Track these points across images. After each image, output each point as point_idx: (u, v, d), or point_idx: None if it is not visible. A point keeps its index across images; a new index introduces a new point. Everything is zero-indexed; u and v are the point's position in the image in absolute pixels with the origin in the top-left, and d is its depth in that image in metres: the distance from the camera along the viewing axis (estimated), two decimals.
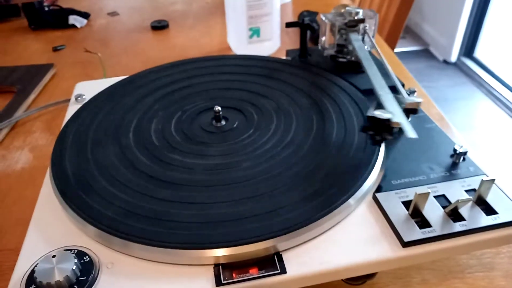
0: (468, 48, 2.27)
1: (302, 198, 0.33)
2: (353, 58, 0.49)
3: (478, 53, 2.25)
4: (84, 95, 0.49)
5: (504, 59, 2.09)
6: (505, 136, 1.80)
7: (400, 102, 0.37)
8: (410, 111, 0.37)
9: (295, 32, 0.81)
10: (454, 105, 1.97)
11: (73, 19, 0.88)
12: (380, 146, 0.36)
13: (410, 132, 0.33)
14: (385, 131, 0.35)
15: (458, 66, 2.29)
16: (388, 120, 0.34)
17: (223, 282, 0.28)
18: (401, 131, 0.34)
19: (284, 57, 0.56)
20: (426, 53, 2.44)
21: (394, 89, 0.40)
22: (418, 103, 0.37)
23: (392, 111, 0.35)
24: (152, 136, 0.41)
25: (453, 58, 2.30)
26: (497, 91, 2.02)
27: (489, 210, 0.32)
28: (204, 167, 0.37)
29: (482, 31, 2.19)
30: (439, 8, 2.36)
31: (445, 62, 2.33)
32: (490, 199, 0.33)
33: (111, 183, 0.35)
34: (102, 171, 0.36)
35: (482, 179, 0.32)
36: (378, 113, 0.34)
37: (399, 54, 2.44)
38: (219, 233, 0.30)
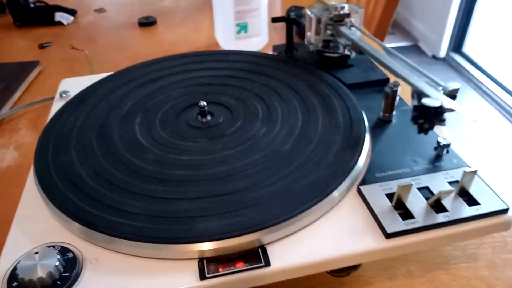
0: (457, 43, 2.29)
1: (287, 192, 0.33)
2: (346, 52, 0.49)
3: (466, 48, 2.27)
4: (69, 91, 0.48)
5: (492, 54, 2.12)
6: (493, 130, 1.82)
7: (435, 88, 0.36)
8: (449, 97, 0.35)
9: (283, 28, 0.81)
10: None
11: (59, 16, 0.87)
12: (426, 133, 0.35)
13: (470, 115, 0.32)
14: (435, 118, 0.34)
15: (447, 61, 2.31)
16: (440, 107, 0.33)
17: (207, 275, 0.28)
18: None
19: (271, 53, 0.56)
20: (415, 49, 2.45)
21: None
22: (457, 89, 0.36)
23: (438, 98, 0.34)
24: (137, 131, 0.41)
25: (442, 53, 2.32)
26: (486, 86, 2.04)
27: (472, 201, 0.33)
28: (187, 163, 0.37)
29: (470, 27, 2.21)
30: (428, 4, 2.38)
31: (434, 57, 2.35)
32: (473, 190, 0.33)
33: (95, 179, 0.35)
34: (86, 168, 0.36)
35: (464, 171, 0.32)
36: (428, 101, 0.34)
37: None
38: (203, 227, 0.30)
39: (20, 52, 0.78)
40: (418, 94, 0.36)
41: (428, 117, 0.34)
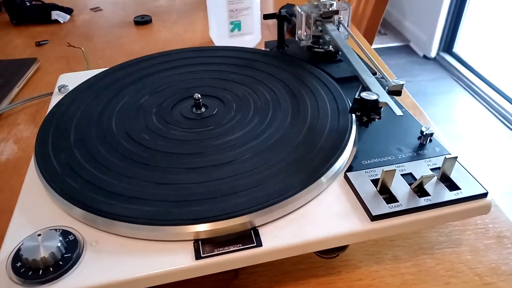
0: (447, 43, 2.32)
1: (277, 177, 0.34)
2: (330, 48, 0.51)
3: (456, 48, 2.30)
4: (67, 85, 0.50)
5: (482, 54, 2.15)
6: (483, 128, 1.85)
7: (383, 84, 0.39)
8: (394, 93, 0.39)
9: (275, 26, 0.82)
10: (435, 99, 2.01)
11: (56, 15, 0.88)
12: (367, 126, 0.38)
13: (397, 110, 0.35)
14: (372, 112, 0.36)
15: (437, 61, 2.34)
16: (375, 101, 0.36)
17: (202, 255, 0.30)
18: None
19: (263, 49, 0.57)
20: (407, 49, 2.48)
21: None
22: (402, 85, 0.38)
23: (377, 93, 0.37)
24: (134, 122, 0.42)
25: (433, 53, 2.35)
26: (475, 85, 2.07)
27: (453, 186, 0.34)
28: (183, 151, 0.38)
29: (460, 27, 2.24)
30: (419, 5, 2.41)
31: (425, 57, 2.38)
32: (454, 176, 0.35)
33: (94, 166, 0.36)
34: (85, 156, 0.38)
35: (445, 157, 0.34)
36: (365, 95, 0.36)
37: (381, 50, 2.48)
38: (199, 210, 0.32)
39: (17, 50, 0.79)
40: (364, 88, 0.38)
41: (365, 110, 0.36)
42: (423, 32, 2.38)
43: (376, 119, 0.37)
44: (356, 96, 0.37)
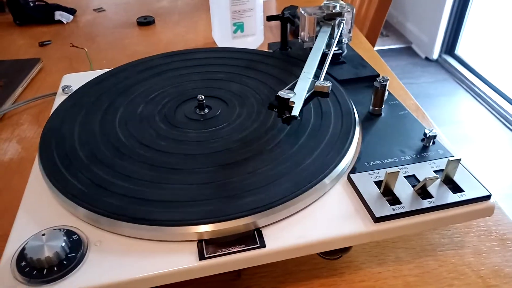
0: (449, 45, 2.32)
1: (281, 178, 0.34)
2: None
3: (459, 50, 2.30)
4: (71, 86, 0.50)
5: (483, 56, 2.15)
6: (486, 129, 1.85)
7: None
8: (319, 94, 0.39)
9: (278, 28, 0.83)
10: (437, 101, 2.01)
11: (59, 15, 0.88)
12: (288, 124, 0.38)
13: (295, 111, 0.36)
14: (286, 109, 0.36)
15: (439, 63, 2.34)
16: (287, 99, 0.36)
17: (205, 256, 0.30)
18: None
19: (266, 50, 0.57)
20: (408, 51, 2.48)
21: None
22: (328, 87, 0.39)
23: (296, 92, 0.37)
24: (138, 123, 0.42)
25: (435, 55, 2.35)
26: (477, 87, 2.07)
27: (456, 189, 0.34)
28: (187, 151, 0.38)
29: (462, 29, 2.24)
30: (421, 7, 2.41)
31: (427, 59, 2.38)
32: (457, 178, 0.35)
33: (98, 167, 0.37)
34: (89, 156, 0.38)
35: (448, 159, 0.34)
36: (282, 93, 0.36)
37: (383, 51, 2.48)
38: (202, 211, 0.32)
39: (21, 50, 0.79)
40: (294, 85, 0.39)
41: (281, 107, 0.37)
42: (425, 34, 2.38)
43: (287, 117, 0.37)
44: (277, 94, 0.37)
